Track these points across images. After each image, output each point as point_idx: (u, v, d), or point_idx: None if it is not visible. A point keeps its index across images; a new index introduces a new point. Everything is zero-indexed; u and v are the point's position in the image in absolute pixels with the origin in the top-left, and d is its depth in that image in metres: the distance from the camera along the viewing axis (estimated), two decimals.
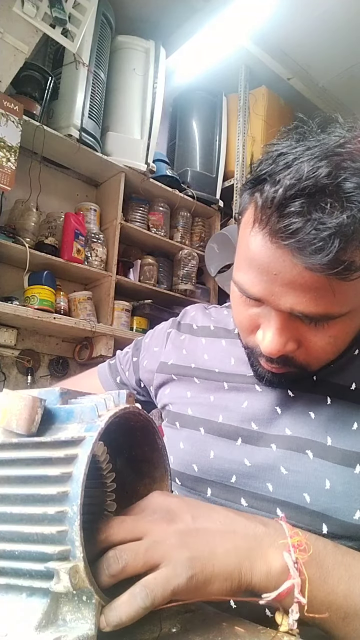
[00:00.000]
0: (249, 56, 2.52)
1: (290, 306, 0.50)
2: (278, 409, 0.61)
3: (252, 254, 0.52)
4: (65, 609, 0.33)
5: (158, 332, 0.82)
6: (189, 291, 2.49)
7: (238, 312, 0.58)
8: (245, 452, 0.60)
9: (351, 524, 0.51)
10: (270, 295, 0.51)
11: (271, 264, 0.49)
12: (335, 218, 0.45)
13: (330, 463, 0.54)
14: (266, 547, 0.39)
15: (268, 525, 0.42)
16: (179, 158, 2.69)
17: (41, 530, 0.33)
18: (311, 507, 0.53)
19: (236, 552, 0.38)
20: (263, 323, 0.54)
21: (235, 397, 0.65)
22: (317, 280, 0.47)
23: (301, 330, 0.53)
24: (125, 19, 2.32)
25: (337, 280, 0.47)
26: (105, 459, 0.40)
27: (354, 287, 0.49)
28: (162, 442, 0.44)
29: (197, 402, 0.68)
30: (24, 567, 0.34)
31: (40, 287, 1.91)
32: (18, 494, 0.35)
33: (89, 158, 2.16)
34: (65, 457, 0.34)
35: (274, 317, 0.52)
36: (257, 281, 0.51)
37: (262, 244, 0.50)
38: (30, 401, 0.36)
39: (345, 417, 0.57)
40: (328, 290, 0.48)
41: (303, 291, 0.48)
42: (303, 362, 0.55)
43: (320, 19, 2.27)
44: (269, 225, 0.49)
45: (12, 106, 1.78)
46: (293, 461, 0.56)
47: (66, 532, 0.32)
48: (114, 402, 0.39)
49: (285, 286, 0.49)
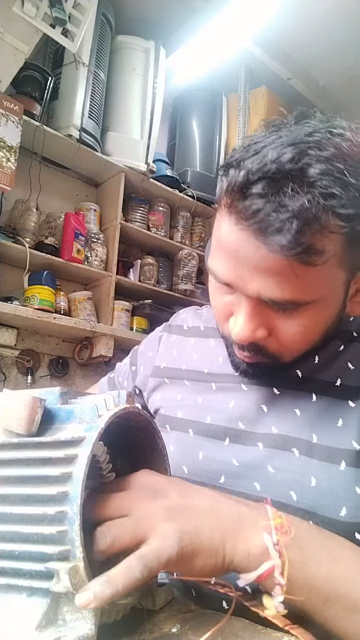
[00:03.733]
0: (249, 56, 2.52)
1: (257, 291, 0.50)
2: (264, 407, 0.61)
3: (221, 239, 0.53)
4: (65, 609, 0.33)
5: (151, 338, 0.83)
6: (189, 291, 2.49)
7: (213, 300, 0.59)
8: (233, 452, 0.60)
9: (337, 520, 0.51)
10: (239, 281, 0.51)
11: (238, 247, 0.50)
12: (296, 201, 0.45)
13: (316, 460, 0.55)
14: (248, 528, 0.40)
15: (252, 507, 0.42)
16: (179, 158, 2.69)
17: (41, 531, 0.33)
18: (297, 505, 0.53)
19: (220, 531, 0.38)
20: (235, 310, 0.55)
21: (223, 397, 0.65)
22: (280, 264, 0.47)
23: (271, 318, 0.53)
24: (125, 19, 2.32)
25: (300, 265, 0.47)
26: (105, 459, 0.40)
27: (320, 275, 0.49)
28: (162, 442, 0.44)
29: (186, 404, 0.68)
30: (24, 567, 0.34)
31: (40, 287, 1.91)
32: (18, 494, 0.35)
33: (89, 158, 2.16)
34: (65, 457, 0.34)
35: (244, 303, 0.53)
36: (227, 266, 0.52)
37: (229, 228, 0.51)
38: (31, 401, 0.36)
39: (330, 414, 0.57)
40: (291, 275, 0.48)
41: (268, 275, 0.49)
42: (275, 351, 0.55)
43: (321, 19, 2.27)
44: (232, 207, 0.49)
45: (12, 106, 1.78)
46: (279, 459, 0.57)
47: (66, 532, 0.32)
48: (114, 402, 0.39)
49: (251, 270, 0.50)
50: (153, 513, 0.37)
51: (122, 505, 0.38)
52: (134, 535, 0.36)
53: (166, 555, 0.35)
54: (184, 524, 0.37)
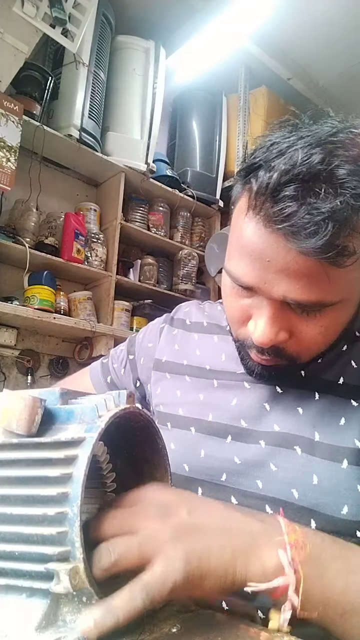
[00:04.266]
0: (249, 56, 2.52)
1: (283, 294, 0.50)
2: (267, 405, 0.61)
3: (245, 241, 0.52)
4: (65, 609, 0.33)
5: (152, 328, 0.82)
6: (189, 291, 2.49)
7: (229, 304, 0.58)
8: (235, 449, 0.60)
9: (339, 519, 0.51)
10: (263, 283, 0.50)
11: (265, 250, 0.49)
12: (328, 203, 0.45)
13: (318, 459, 0.55)
14: (261, 545, 0.38)
15: (265, 521, 0.41)
16: (179, 158, 2.69)
17: (41, 531, 0.33)
18: (299, 503, 0.53)
19: (232, 549, 0.37)
20: (255, 313, 0.54)
21: (224, 394, 0.65)
22: (311, 266, 0.47)
23: (293, 321, 0.52)
24: (125, 19, 2.32)
25: (330, 266, 0.47)
26: (106, 459, 0.40)
27: (346, 275, 0.49)
28: (163, 442, 0.44)
29: (188, 401, 0.68)
30: (24, 568, 0.34)
31: (40, 287, 1.91)
32: (18, 494, 0.35)
33: (89, 158, 2.16)
34: (65, 457, 0.34)
35: (266, 306, 0.52)
36: (250, 269, 0.51)
37: (256, 230, 0.50)
38: (31, 401, 0.36)
39: (332, 412, 0.57)
40: (321, 276, 0.48)
41: (296, 278, 0.48)
42: (294, 353, 0.55)
43: (321, 19, 2.27)
44: (262, 210, 0.49)
45: (12, 106, 1.78)
46: (282, 457, 0.56)
47: (66, 533, 0.32)
48: (115, 403, 0.39)
49: (278, 273, 0.49)
50: (160, 533, 0.36)
51: (129, 522, 0.37)
52: (139, 555, 0.34)
53: (171, 581, 0.33)
54: (192, 544, 0.36)
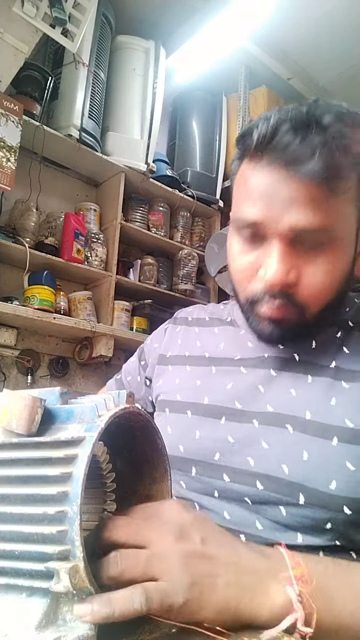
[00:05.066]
0: (248, 56, 2.52)
1: (290, 223, 0.54)
2: (261, 387, 0.63)
3: (250, 185, 0.57)
4: (65, 608, 0.33)
5: (157, 332, 0.86)
6: (189, 291, 2.49)
7: (238, 263, 0.61)
8: (228, 429, 0.62)
9: (327, 493, 0.53)
10: (271, 217, 0.55)
11: (269, 184, 0.55)
12: (320, 136, 0.53)
13: (309, 436, 0.56)
14: (268, 582, 0.38)
15: (270, 557, 0.41)
16: (179, 158, 2.69)
17: (41, 530, 0.33)
18: (289, 478, 0.55)
19: (237, 586, 0.37)
20: (264, 259, 0.58)
21: (221, 379, 0.68)
22: (312, 192, 0.53)
23: (300, 262, 0.56)
24: (125, 19, 2.32)
25: (328, 192, 0.53)
26: (105, 459, 0.40)
27: (342, 206, 0.55)
28: (162, 442, 0.44)
29: (185, 387, 0.71)
30: (24, 567, 0.34)
31: (40, 287, 1.91)
32: (18, 494, 0.35)
33: (89, 158, 2.16)
34: (65, 457, 0.34)
35: (275, 245, 0.56)
36: (258, 206, 0.56)
37: (260, 171, 0.56)
38: (31, 401, 0.36)
39: (324, 393, 0.59)
40: (322, 202, 0.54)
41: (300, 205, 0.54)
42: (303, 300, 0.58)
43: (321, 19, 2.27)
44: (264, 153, 0.56)
45: (12, 106, 1.78)
46: (274, 435, 0.58)
47: (66, 532, 0.32)
48: (114, 402, 0.39)
49: (284, 203, 0.54)
50: (171, 553, 0.36)
51: (142, 535, 0.37)
52: (145, 571, 0.35)
53: (169, 602, 0.34)
54: (198, 576, 0.36)
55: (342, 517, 0.53)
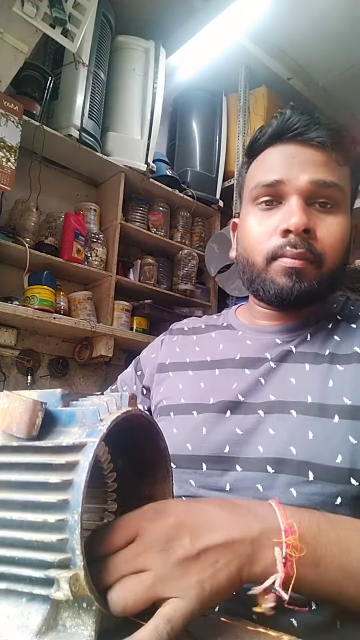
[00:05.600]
0: (248, 56, 2.52)
1: (309, 177, 0.66)
2: (262, 380, 0.67)
3: (268, 162, 0.70)
4: (65, 614, 0.33)
5: (153, 343, 0.89)
6: (189, 291, 2.49)
7: (256, 230, 0.70)
8: (235, 422, 0.65)
9: (334, 467, 0.56)
10: (290, 175, 0.67)
11: (287, 152, 0.68)
12: (321, 120, 0.68)
13: (312, 417, 0.60)
14: (262, 549, 0.40)
15: (262, 519, 0.42)
16: (179, 158, 2.69)
17: (41, 538, 0.33)
18: (297, 458, 0.58)
19: (237, 561, 0.39)
20: (285, 215, 0.66)
21: (225, 380, 0.70)
22: (324, 157, 0.66)
23: (315, 219, 0.66)
24: (125, 19, 2.31)
25: (334, 159, 0.67)
26: (107, 459, 0.40)
27: (345, 176, 0.69)
28: (165, 443, 0.44)
29: (189, 390, 0.73)
30: (24, 574, 0.33)
31: (40, 287, 1.91)
32: (18, 499, 0.34)
33: (89, 158, 2.15)
34: (66, 463, 0.33)
35: (295, 201, 0.66)
36: (277, 169, 0.68)
37: (276, 150, 0.69)
38: (31, 404, 0.36)
39: (322, 377, 0.64)
40: (331, 165, 0.67)
41: (315, 165, 0.66)
42: (320, 250, 0.66)
43: (321, 19, 2.27)
44: (279, 137, 0.69)
45: (12, 106, 1.77)
46: (279, 421, 0.62)
47: (67, 541, 0.32)
48: (116, 405, 0.38)
49: (301, 164, 0.66)
50: (169, 571, 0.36)
51: (134, 563, 0.36)
52: (150, 597, 0.35)
53: (190, 612, 0.35)
54: (200, 574, 0.36)
55: (350, 489, 0.56)
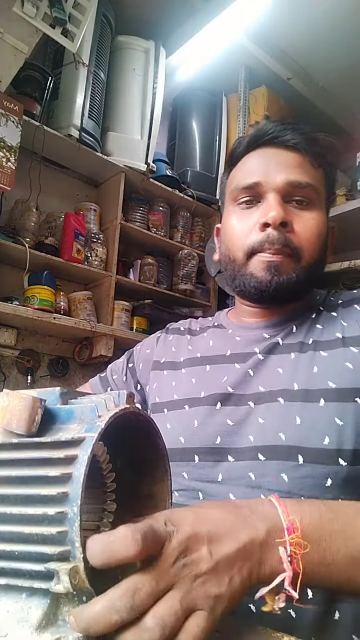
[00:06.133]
0: (249, 56, 2.52)
1: (285, 178, 0.70)
2: (251, 372, 0.69)
3: (247, 166, 0.74)
4: (65, 609, 0.33)
5: (148, 340, 0.91)
6: (189, 291, 2.49)
7: (237, 227, 0.73)
8: (226, 413, 0.67)
9: (322, 449, 0.58)
10: (267, 175, 0.71)
11: (263, 156, 0.72)
12: (296, 126, 0.73)
13: (299, 403, 0.62)
14: (269, 550, 0.40)
15: (265, 518, 0.42)
16: (179, 158, 2.69)
17: (41, 531, 0.33)
18: (287, 443, 0.60)
19: (248, 565, 0.39)
20: (264, 212, 0.70)
21: (216, 374, 0.72)
22: (298, 159, 0.71)
23: (292, 214, 0.70)
24: (125, 19, 2.31)
25: (309, 162, 0.71)
26: (106, 459, 0.40)
27: (320, 179, 0.73)
28: (163, 442, 0.44)
29: (182, 387, 0.75)
30: (24, 568, 0.34)
31: (40, 287, 1.91)
32: (18, 494, 0.35)
33: (89, 158, 2.16)
34: (65, 457, 0.34)
35: (272, 198, 0.70)
36: (255, 172, 0.72)
37: (254, 156, 0.74)
38: (31, 401, 0.36)
39: (306, 364, 0.66)
40: (308, 167, 0.71)
41: (291, 167, 0.70)
42: (298, 244, 0.69)
43: (321, 19, 2.27)
44: (255, 143, 0.73)
45: (12, 106, 1.78)
46: (268, 410, 0.64)
47: (66, 533, 0.32)
48: (114, 403, 0.39)
49: (278, 166, 0.71)
50: (193, 586, 0.35)
51: (161, 581, 0.34)
52: (182, 616, 0.34)
53: (212, 625, 0.35)
54: (221, 585, 0.37)
55: (339, 469, 0.57)
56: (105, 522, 0.42)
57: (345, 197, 2.45)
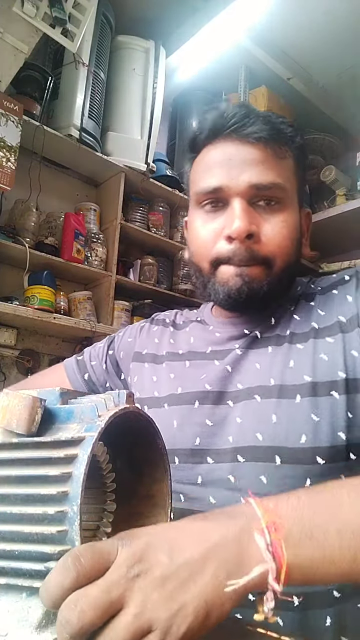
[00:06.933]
0: (249, 56, 2.52)
1: (248, 180, 0.64)
2: (229, 367, 0.67)
3: (208, 163, 0.68)
4: None
5: (132, 327, 0.89)
6: (189, 291, 2.49)
7: (202, 233, 0.69)
8: (205, 413, 0.65)
9: (299, 448, 0.57)
10: (230, 179, 0.65)
11: (225, 152, 0.66)
12: (259, 113, 0.66)
13: (275, 399, 0.61)
14: (247, 545, 0.36)
15: (237, 515, 0.38)
16: (179, 158, 2.69)
17: (41, 530, 0.33)
18: (264, 444, 0.58)
19: (223, 566, 0.34)
20: (227, 221, 0.65)
21: (194, 371, 0.71)
22: (262, 154, 0.65)
23: (258, 219, 0.65)
24: (125, 19, 2.31)
25: (274, 156, 0.65)
26: (105, 459, 0.40)
27: (287, 171, 0.68)
28: (162, 442, 0.44)
29: (162, 383, 0.73)
30: (24, 567, 0.34)
31: (40, 287, 1.91)
32: (18, 493, 0.35)
33: (89, 158, 2.15)
34: (65, 457, 0.34)
35: (236, 205, 0.65)
36: (217, 173, 0.66)
37: (214, 149, 0.67)
38: (31, 401, 0.36)
39: (283, 358, 0.64)
40: (272, 162, 0.65)
41: (254, 165, 0.64)
42: (267, 254, 0.65)
43: (321, 19, 2.27)
44: (216, 135, 0.67)
45: (12, 106, 1.78)
46: (245, 409, 0.62)
47: (66, 532, 0.32)
48: (114, 402, 0.39)
49: (240, 166, 0.65)
50: (149, 598, 0.31)
51: (112, 598, 0.31)
52: (135, 637, 0.30)
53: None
54: (186, 593, 0.32)
55: (318, 468, 0.56)
56: (105, 522, 0.42)
57: (345, 197, 2.45)
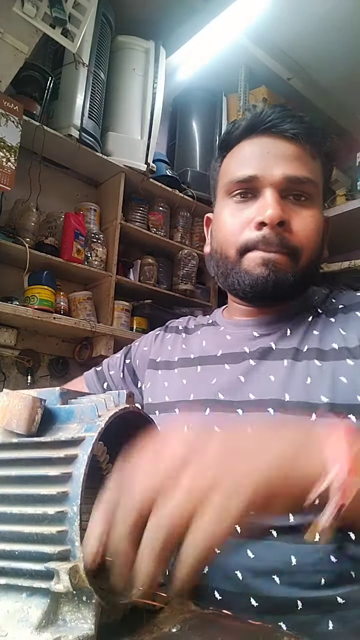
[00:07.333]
0: (248, 56, 2.52)
1: (283, 172, 0.66)
2: (242, 378, 0.67)
3: (243, 155, 0.70)
4: (65, 609, 0.33)
5: (147, 336, 0.90)
6: (189, 291, 2.49)
7: (230, 222, 0.70)
8: (214, 420, 0.65)
9: None
10: (265, 169, 0.67)
11: (261, 146, 0.68)
12: (294, 113, 0.69)
13: (290, 415, 0.60)
14: (312, 451, 0.36)
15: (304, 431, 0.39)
16: (179, 158, 2.69)
17: (41, 530, 0.33)
18: None
19: (291, 444, 0.35)
20: (259, 209, 0.66)
21: (205, 375, 0.71)
22: (297, 150, 0.67)
23: (289, 211, 0.67)
24: (125, 19, 2.31)
25: (308, 153, 0.68)
26: (105, 459, 0.40)
27: (318, 171, 0.70)
28: None
29: (173, 388, 0.74)
30: (24, 567, 0.34)
31: (40, 287, 1.91)
32: (18, 494, 0.35)
33: (89, 158, 2.15)
34: (65, 457, 0.34)
35: (269, 194, 0.66)
36: (252, 163, 0.68)
37: (250, 142, 0.70)
38: (31, 401, 0.36)
39: (299, 374, 0.63)
40: (307, 159, 0.68)
41: (289, 160, 0.67)
42: (297, 243, 0.67)
43: (321, 19, 2.27)
44: (253, 130, 0.69)
45: (12, 106, 1.78)
46: (257, 419, 0.62)
47: (66, 532, 0.32)
48: (114, 402, 0.39)
49: (275, 158, 0.67)
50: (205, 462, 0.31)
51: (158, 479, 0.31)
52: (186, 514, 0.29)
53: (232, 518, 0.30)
54: (246, 465, 0.32)
55: None
56: None
57: (345, 197, 2.45)
